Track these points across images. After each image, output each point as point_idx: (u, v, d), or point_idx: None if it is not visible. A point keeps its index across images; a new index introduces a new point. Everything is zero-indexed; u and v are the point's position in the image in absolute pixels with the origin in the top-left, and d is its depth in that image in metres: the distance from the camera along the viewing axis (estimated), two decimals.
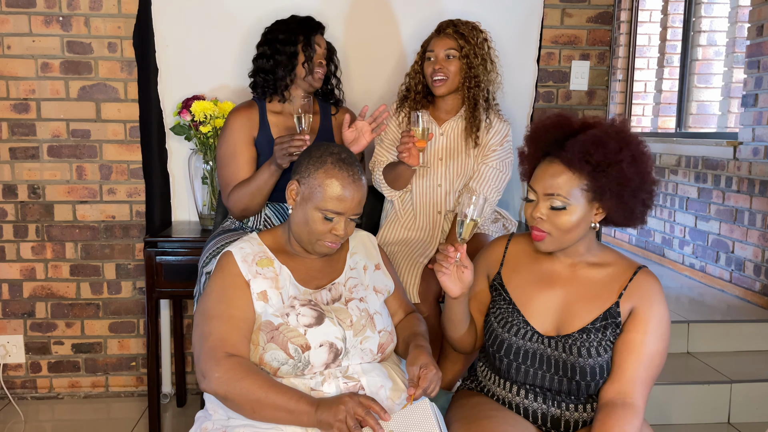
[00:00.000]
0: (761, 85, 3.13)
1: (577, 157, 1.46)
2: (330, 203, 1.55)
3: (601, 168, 1.45)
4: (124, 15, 2.69)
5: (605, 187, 1.47)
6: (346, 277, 1.68)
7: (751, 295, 3.18)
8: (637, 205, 1.51)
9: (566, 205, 1.48)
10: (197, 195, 2.66)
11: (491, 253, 1.71)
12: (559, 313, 1.56)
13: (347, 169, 1.57)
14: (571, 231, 1.50)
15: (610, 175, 1.46)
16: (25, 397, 2.87)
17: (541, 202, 1.50)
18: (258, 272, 1.59)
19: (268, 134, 2.20)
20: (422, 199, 2.30)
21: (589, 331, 1.52)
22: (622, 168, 1.45)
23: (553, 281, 1.59)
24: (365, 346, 1.58)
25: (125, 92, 2.73)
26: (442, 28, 2.26)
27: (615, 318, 1.52)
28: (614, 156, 1.45)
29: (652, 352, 1.49)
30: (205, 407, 1.62)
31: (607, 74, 2.91)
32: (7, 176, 2.74)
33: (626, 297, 1.53)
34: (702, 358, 2.79)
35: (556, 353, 1.53)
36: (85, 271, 2.82)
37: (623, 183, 1.47)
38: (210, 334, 1.50)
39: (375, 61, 2.73)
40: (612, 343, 1.52)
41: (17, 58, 2.68)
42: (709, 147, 3.51)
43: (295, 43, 2.19)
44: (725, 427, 2.55)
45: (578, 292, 1.56)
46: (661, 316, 1.51)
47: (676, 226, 3.90)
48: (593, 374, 1.50)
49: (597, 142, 1.46)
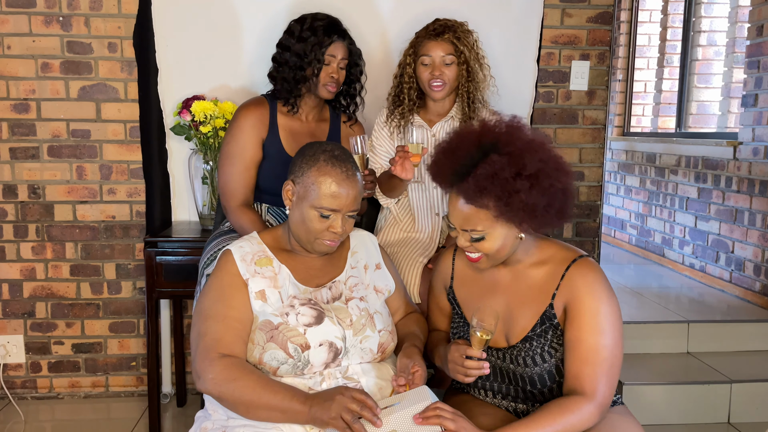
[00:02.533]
0: (761, 85, 3.13)
1: (476, 196, 1.41)
2: (325, 201, 1.54)
3: (502, 200, 1.40)
4: (124, 15, 2.69)
5: (513, 214, 1.42)
6: (347, 275, 1.67)
7: (751, 295, 3.18)
8: (552, 219, 1.45)
9: (485, 235, 1.45)
10: (197, 195, 2.66)
11: (442, 267, 1.71)
12: (504, 322, 1.53)
13: (340, 165, 1.56)
14: (501, 250, 1.47)
15: (514, 204, 1.40)
16: (25, 397, 2.87)
17: (461, 234, 1.48)
18: (257, 271, 1.58)
19: (276, 138, 2.15)
20: (420, 203, 2.30)
21: (531, 339, 1.50)
22: (521, 197, 1.39)
23: (496, 289, 1.57)
24: (365, 346, 1.57)
25: (125, 92, 2.73)
26: (438, 32, 2.19)
27: (551, 320, 1.49)
28: (511, 186, 1.39)
29: (592, 347, 1.42)
30: (204, 407, 1.62)
31: (607, 74, 2.91)
32: (7, 176, 2.74)
33: (558, 295, 1.48)
34: (702, 358, 2.79)
35: (506, 364, 1.53)
36: (85, 271, 2.82)
37: (529, 208, 1.41)
38: (205, 334, 1.50)
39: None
40: (556, 347, 1.49)
41: (17, 58, 2.68)
42: (709, 147, 3.51)
43: (303, 56, 2.09)
44: (725, 427, 2.55)
45: (518, 297, 1.53)
46: (594, 308, 1.43)
47: (676, 226, 3.90)
48: (542, 381, 1.49)
49: (490, 176, 1.39)
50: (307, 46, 2.08)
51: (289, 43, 2.13)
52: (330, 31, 2.10)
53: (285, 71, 2.12)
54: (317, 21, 2.12)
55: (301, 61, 2.09)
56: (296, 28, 2.13)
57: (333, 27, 2.12)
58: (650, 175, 4.22)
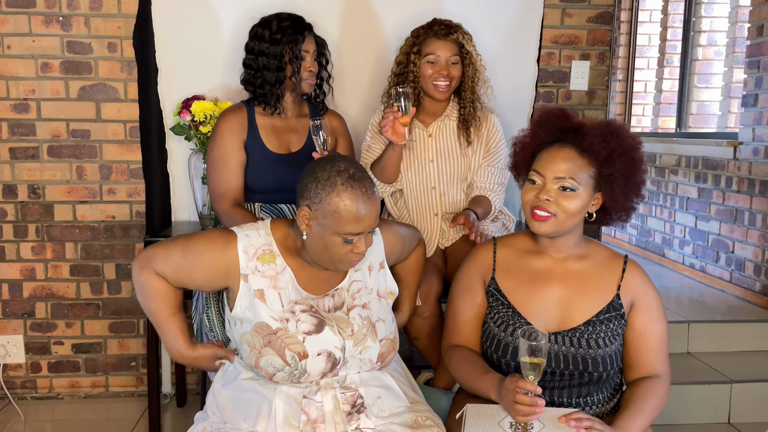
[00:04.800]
0: (761, 85, 3.13)
1: (595, 143, 1.52)
2: (348, 227, 1.46)
3: (613, 157, 1.52)
4: (124, 15, 2.68)
5: (613, 175, 1.53)
6: (350, 280, 1.62)
7: (751, 295, 3.18)
8: (632, 196, 1.59)
9: (576, 188, 1.52)
10: (197, 195, 2.66)
11: (482, 260, 1.70)
12: (560, 309, 1.59)
13: (359, 186, 1.47)
14: (574, 216, 1.54)
15: (619, 164, 1.53)
16: (25, 397, 2.87)
17: (549, 184, 1.53)
18: (257, 268, 1.54)
19: (257, 137, 2.20)
20: (417, 203, 2.30)
21: (594, 324, 1.56)
22: (633, 158, 1.55)
23: (548, 278, 1.61)
24: (365, 356, 1.55)
25: (125, 92, 2.73)
26: (445, 33, 2.21)
27: (618, 310, 1.59)
28: (627, 145, 1.55)
29: (659, 334, 1.59)
30: (204, 408, 1.62)
31: (607, 74, 2.91)
32: (7, 176, 2.74)
33: (624, 289, 1.60)
34: (702, 358, 2.79)
35: (564, 348, 1.55)
36: (85, 271, 2.82)
37: (629, 173, 1.55)
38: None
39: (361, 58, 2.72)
40: (617, 334, 1.57)
41: (17, 58, 2.68)
42: (709, 147, 3.51)
43: (280, 57, 2.14)
44: (725, 427, 2.55)
45: (576, 285, 1.60)
46: (657, 298, 1.61)
47: (677, 226, 3.90)
48: (605, 364, 1.55)
49: (613, 131, 1.54)
50: (283, 47, 2.14)
51: (261, 47, 2.17)
52: (299, 28, 2.17)
53: (265, 74, 2.17)
54: (284, 21, 2.18)
55: (279, 62, 2.14)
56: (265, 33, 2.17)
57: (299, 24, 2.18)
58: (650, 175, 4.22)
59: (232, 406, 1.54)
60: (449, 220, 2.30)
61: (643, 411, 1.50)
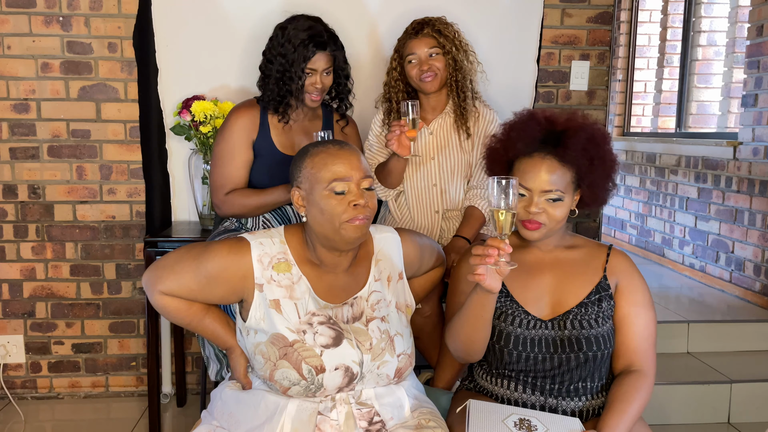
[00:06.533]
0: (761, 85, 3.13)
1: (578, 155, 1.57)
2: (328, 172, 1.48)
3: (594, 164, 1.60)
4: (124, 15, 2.69)
5: (594, 179, 1.62)
6: (370, 290, 1.58)
7: (751, 295, 3.18)
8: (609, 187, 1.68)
9: (563, 197, 1.58)
10: (197, 195, 2.66)
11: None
12: (552, 295, 1.64)
13: (330, 143, 1.54)
14: (561, 221, 1.60)
15: (599, 168, 1.62)
16: (25, 397, 2.87)
17: (537, 197, 1.57)
18: (273, 278, 1.50)
19: (268, 138, 2.18)
20: (418, 201, 2.30)
21: (585, 305, 1.62)
22: (608, 158, 1.63)
23: (541, 268, 1.66)
24: (382, 371, 1.51)
25: (125, 92, 2.73)
26: (417, 30, 2.23)
27: (606, 290, 1.64)
28: (603, 148, 1.62)
29: (644, 320, 1.62)
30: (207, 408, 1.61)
31: (607, 74, 2.91)
32: (7, 176, 2.74)
33: (610, 272, 1.66)
34: (702, 358, 2.79)
35: (559, 332, 1.60)
36: (85, 271, 2.82)
37: (606, 173, 1.64)
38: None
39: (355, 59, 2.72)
40: (608, 315, 1.62)
41: (17, 58, 2.68)
42: (709, 147, 3.51)
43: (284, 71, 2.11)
44: (725, 427, 2.55)
45: (565, 272, 1.66)
46: (643, 286, 1.66)
47: (676, 226, 3.90)
48: (598, 344, 1.58)
49: (590, 139, 1.60)
50: (288, 61, 2.10)
51: (271, 55, 2.15)
52: (310, 44, 2.08)
53: (271, 84, 2.15)
54: (299, 32, 2.10)
55: (283, 76, 2.12)
56: (278, 40, 2.13)
57: (312, 39, 2.09)
58: (650, 175, 4.22)
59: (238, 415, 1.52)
60: (449, 218, 2.31)
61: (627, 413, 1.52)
